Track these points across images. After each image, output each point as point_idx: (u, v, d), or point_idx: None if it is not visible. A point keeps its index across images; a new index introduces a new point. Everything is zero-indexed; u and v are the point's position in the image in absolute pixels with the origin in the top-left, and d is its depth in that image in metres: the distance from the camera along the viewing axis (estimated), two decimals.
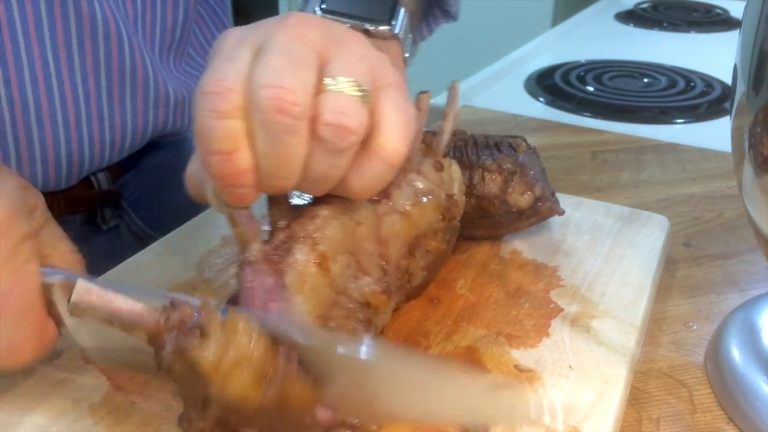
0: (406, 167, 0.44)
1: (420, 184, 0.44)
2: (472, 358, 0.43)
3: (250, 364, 0.31)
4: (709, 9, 1.54)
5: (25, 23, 0.52)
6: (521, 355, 0.44)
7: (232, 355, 0.31)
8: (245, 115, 0.33)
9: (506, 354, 0.44)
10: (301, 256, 0.36)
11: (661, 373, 0.48)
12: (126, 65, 0.59)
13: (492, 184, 0.53)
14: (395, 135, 0.36)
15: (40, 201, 0.41)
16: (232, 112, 0.33)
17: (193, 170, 0.38)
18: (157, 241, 0.55)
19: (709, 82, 1.06)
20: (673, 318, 0.53)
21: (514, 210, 0.53)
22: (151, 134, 0.65)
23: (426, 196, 0.43)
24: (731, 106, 0.43)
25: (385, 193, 0.42)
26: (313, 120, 0.34)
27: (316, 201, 0.39)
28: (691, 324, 0.52)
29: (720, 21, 1.46)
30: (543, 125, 0.92)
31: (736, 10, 1.51)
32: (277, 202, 0.39)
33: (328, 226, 0.38)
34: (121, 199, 0.67)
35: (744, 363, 0.45)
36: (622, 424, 0.42)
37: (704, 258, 0.61)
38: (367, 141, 0.36)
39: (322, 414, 0.35)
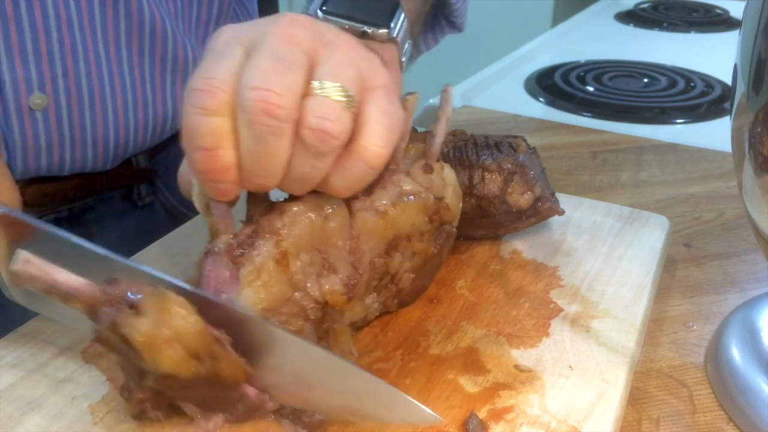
0: (394, 168, 0.44)
1: (406, 186, 0.44)
2: (472, 358, 0.44)
3: (180, 343, 0.33)
4: (709, 9, 1.54)
5: (81, 20, 0.56)
6: (521, 355, 0.44)
7: (164, 333, 0.33)
8: (231, 113, 0.34)
9: (506, 354, 0.44)
10: (262, 252, 0.37)
11: (661, 373, 0.48)
12: (168, 56, 0.63)
13: (492, 184, 0.53)
14: (377, 138, 0.36)
15: None
16: (217, 110, 0.34)
17: (183, 169, 0.40)
18: (157, 241, 0.55)
19: (709, 82, 1.06)
20: (673, 318, 0.53)
21: (514, 210, 0.53)
22: None
23: (410, 197, 0.44)
24: (731, 106, 0.43)
25: (366, 192, 0.42)
26: (298, 123, 0.35)
27: (291, 197, 0.39)
28: (691, 324, 0.52)
29: (720, 21, 1.46)
30: (543, 125, 0.92)
31: (736, 10, 1.51)
32: (256, 199, 0.40)
33: (295, 223, 0.38)
34: (155, 177, 0.71)
35: (744, 363, 0.45)
36: (622, 424, 0.42)
37: (704, 258, 0.61)
38: (350, 142, 0.36)
39: (249, 391, 0.36)
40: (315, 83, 0.35)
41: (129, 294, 0.34)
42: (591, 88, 1.03)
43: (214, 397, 0.36)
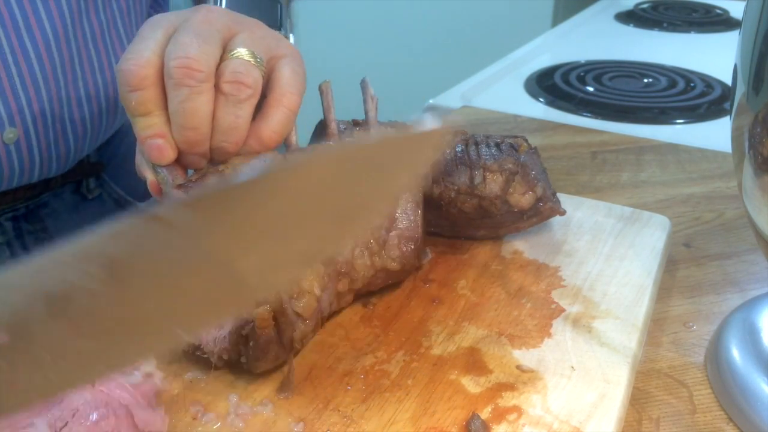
0: None
1: None
2: (474, 359, 0.44)
3: None
4: (709, 9, 1.55)
5: (38, 51, 0.58)
6: (523, 356, 0.44)
7: None
8: (155, 83, 0.42)
9: (508, 354, 0.44)
10: (209, 182, 0.43)
11: (661, 373, 0.48)
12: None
13: (493, 184, 0.53)
14: (290, 87, 0.45)
15: None
16: (139, 85, 0.42)
17: (137, 158, 0.47)
18: None
19: (709, 82, 1.06)
20: (673, 318, 0.53)
21: (516, 210, 0.54)
22: None
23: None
24: (731, 106, 0.43)
25: None
26: (217, 81, 0.43)
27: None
28: (691, 324, 0.52)
29: (720, 21, 1.46)
30: (543, 125, 0.92)
31: (736, 10, 1.51)
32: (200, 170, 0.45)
33: (237, 167, 0.44)
34: (102, 171, 0.74)
35: (744, 363, 0.45)
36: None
37: (704, 258, 0.61)
38: (269, 94, 0.45)
39: None
40: (231, 51, 0.43)
41: None
42: (591, 89, 1.04)
43: None
